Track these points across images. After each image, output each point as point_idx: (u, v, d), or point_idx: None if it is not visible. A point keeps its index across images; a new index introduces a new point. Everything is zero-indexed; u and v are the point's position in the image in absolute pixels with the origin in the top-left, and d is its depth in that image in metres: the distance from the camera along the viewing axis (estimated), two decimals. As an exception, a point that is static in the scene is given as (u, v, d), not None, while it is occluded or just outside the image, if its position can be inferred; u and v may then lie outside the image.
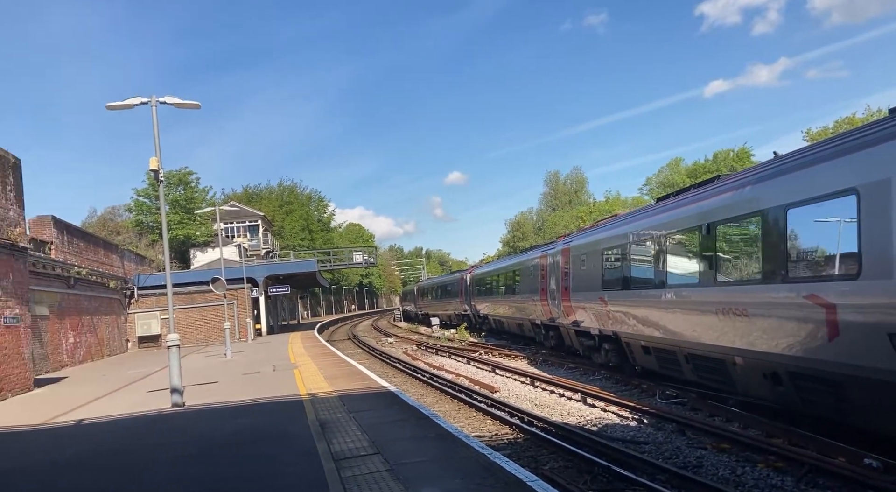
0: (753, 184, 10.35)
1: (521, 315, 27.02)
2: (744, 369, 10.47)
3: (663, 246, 13.30)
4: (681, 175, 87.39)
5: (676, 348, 12.67)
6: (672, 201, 13.82)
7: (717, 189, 11.70)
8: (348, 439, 8.81)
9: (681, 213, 12.72)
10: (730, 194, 11.00)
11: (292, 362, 21.57)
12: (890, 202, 7.25)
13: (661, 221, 13.53)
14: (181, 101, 14.89)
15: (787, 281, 9.05)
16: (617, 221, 17.35)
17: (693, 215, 12.07)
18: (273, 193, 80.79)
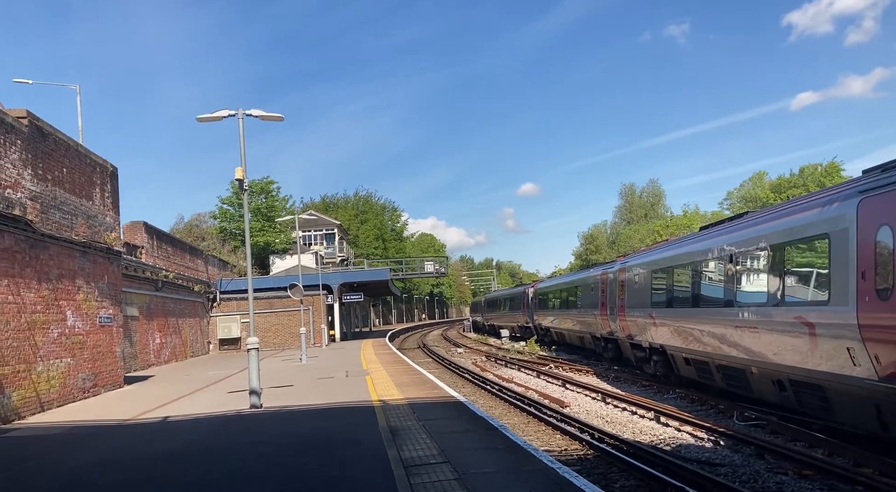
0: (761, 223, 12.56)
1: (581, 328, 28.79)
2: (758, 378, 12.53)
3: (698, 271, 15.37)
4: (764, 190, 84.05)
5: (709, 360, 14.73)
6: (706, 232, 16.01)
7: (740, 225, 13.81)
8: (418, 446, 8.93)
9: (712, 243, 14.71)
10: (746, 231, 13.17)
11: (364, 369, 21.97)
12: (848, 246, 9.35)
13: (697, 248, 15.58)
14: (266, 113, 15.54)
15: (782, 304, 11.30)
16: (665, 246, 19.52)
17: (720, 246, 14.13)
18: (349, 203, 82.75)
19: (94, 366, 18.08)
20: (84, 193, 18.13)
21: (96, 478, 8.30)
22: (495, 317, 55.91)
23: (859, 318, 8.99)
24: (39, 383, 15.05)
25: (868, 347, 8.80)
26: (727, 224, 15.06)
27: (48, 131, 16.26)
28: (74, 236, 17.21)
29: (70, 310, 16.80)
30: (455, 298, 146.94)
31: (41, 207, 15.56)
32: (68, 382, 16.50)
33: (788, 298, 11.19)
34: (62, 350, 16.25)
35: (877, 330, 8.63)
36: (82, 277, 17.61)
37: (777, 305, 11.47)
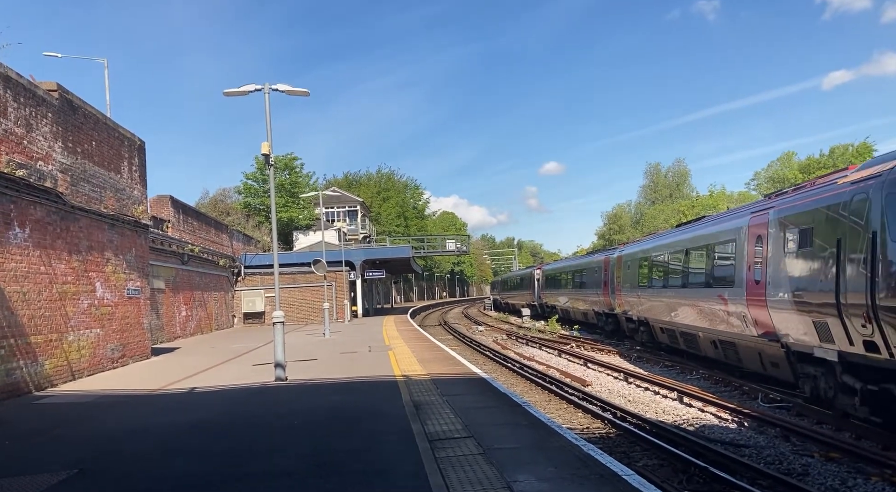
0: (706, 227, 17.11)
1: (585, 306, 33.26)
2: (703, 339, 17.01)
3: (666, 260, 19.62)
4: (793, 170, 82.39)
5: (676, 328, 19.04)
6: (678, 230, 20.70)
7: (695, 227, 18.48)
8: (442, 421, 8.99)
9: (678, 238, 19.06)
10: (696, 232, 17.63)
11: (387, 344, 22.14)
12: (743, 249, 13.76)
13: (669, 242, 19.88)
14: (292, 88, 15.51)
15: (711, 286, 15.73)
16: (651, 238, 24.37)
17: (680, 241, 18.56)
18: (371, 180, 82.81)
19: (123, 337, 18.42)
20: (112, 166, 18.33)
21: (126, 445, 8.49)
22: (508, 295, 61.85)
23: (746, 296, 13.46)
24: (70, 352, 15.37)
25: (751, 315, 13.34)
26: (691, 225, 19.65)
27: (78, 104, 16.42)
28: (103, 209, 17.44)
29: (99, 281, 17.09)
30: (476, 277, 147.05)
31: (71, 180, 15.77)
32: (98, 352, 16.84)
33: (714, 282, 15.58)
34: (92, 321, 16.56)
35: (753, 304, 13.17)
36: (111, 249, 17.88)
37: (708, 287, 15.94)
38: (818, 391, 11.48)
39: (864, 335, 9.31)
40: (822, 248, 10.54)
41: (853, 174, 10.42)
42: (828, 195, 10.73)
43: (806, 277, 11.07)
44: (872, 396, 9.64)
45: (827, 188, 11.00)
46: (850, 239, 9.67)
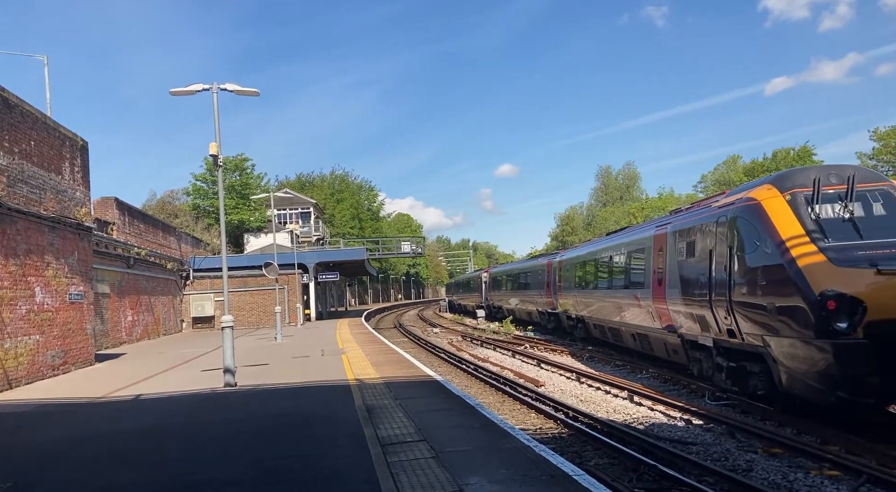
0: (626, 236, 19.48)
1: (530, 306, 35.25)
2: (625, 333, 19.03)
3: (596, 264, 22.12)
4: (738, 173, 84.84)
5: (605, 324, 21.12)
6: (607, 238, 22.96)
7: (620, 235, 20.86)
8: (394, 425, 8.93)
9: (605, 245, 21.56)
10: (619, 240, 20.00)
11: (340, 348, 21.92)
12: (651, 256, 16.01)
13: (599, 248, 22.37)
14: (241, 88, 15.21)
15: (629, 288, 17.84)
16: (587, 244, 27.70)
17: (607, 248, 20.92)
18: (325, 182, 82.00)
19: (64, 343, 17.77)
20: (53, 166, 17.67)
21: (66, 455, 8.18)
22: (460, 297, 64.15)
23: (652, 296, 15.72)
24: (7, 360, 14.75)
25: (656, 312, 15.63)
26: (616, 234, 22.05)
27: (14, 103, 15.77)
28: (43, 211, 16.79)
29: (38, 286, 16.45)
30: (431, 279, 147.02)
31: (8, 181, 15.14)
32: (37, 359, 16.20)
33: (631, 284, 17.67)
34: (30, 327, 15.92)
35: (657, 302, 15.40)
36: (51, 252, 17.23)
37: (627, 288, 18.00)
38: (702, 371, 13.86)
39: (727, 325, 11.75)
40: (701, 257, 12.93)
41: (723, 199, 12.92)
42: (704, 215, 13.21)
43: (691, 280, 13.45)
44: (732, 371, 12.21)
45: (705, 209, 13.50)
46: (717, 250, 12.12)
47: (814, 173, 10.56)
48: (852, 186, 10.22)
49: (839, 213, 10.21)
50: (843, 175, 10.46)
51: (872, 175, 11.18)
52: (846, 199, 10.21)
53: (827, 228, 10.00)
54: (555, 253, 33.94)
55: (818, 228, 10.00)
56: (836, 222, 10.11)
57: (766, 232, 10.45)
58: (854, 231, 9.99)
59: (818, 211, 10.19)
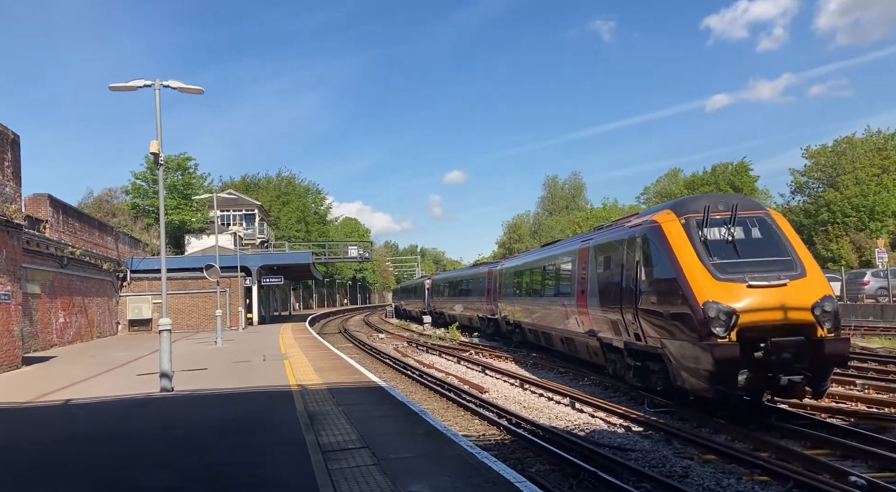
0: (557, 248, 21.05)
1: (471, 312, 36.76)
2: (555, 337, 20.38)
3: (532, 274, 23.57)
4: (679, 186, 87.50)
5: (538, 329, 22.52)
6: (541, 249, 24.98)
7: (551, 248, 22.51)
8: (337, 431, 8.81)
9: (539, 256, 23.34)
10: (550, 252, 21.75)
11: (283, 353, 21.55)
12: (577, 268, 17.35)
13: (533, 259, 24.15)
14: (185, 85, 14.85)
15: (558, 296, 19.41)
16: (523, 255, 29.48)
17: (540, 259, 22.55)
18: (271, 184, 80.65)
19: (-11, 346, 16.91)
20: (-19, 160, 16.84)
21: (-13, 465, 7.76)
22: (406, 303, 65.12)
23: (577, 304, 17.08)
24: (-75, 363, 13.94)
25: (580, 318, 16.98)
26: (549, 246, 23.66)
27: (-60, 91, 14.98)
28: (-31, 207, 15.98)
29: (-38, 285, 15.62)
30: (378, 284, 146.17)
31: (-69, 174, 14.35)
32: (-42, 362, 15.37)
33: (560, 293, 19.14)
34: (-48, 328, 15.10)
35: (581, 309, 16.75)
36: (-23, 250, 16.40)
37: (556, 296, 19.57)
38: (616, 370, 15.37)
39: (634, 330, 13.25)
40: (615, 270, 14.38)
41: (634, 220, 14.41)
42: (619, 233, 14.68)
43: (607, 290, 14.86)
44: (638, 369, 13.74)
45: (619, 228, 15.05)
46: (627, 264, 13.60)
47: (705, 201, 12.20)
48: (735, 214, 11.81)
49: (723, 235, 11.78)
50: (729, 204, 12.04)
51: (752, 204, 12.75)
52: (729, 224, 11.79)
53: (712, 248, 11.54)
54: (495, 262, 35.71)
55: (705, 248, 11.54)
56: (720, 243, 11.67)
57: (664, 250, 12.00)
58: (734, 251, 11.53)
59: (706, 234, 11.74)
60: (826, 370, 10.76)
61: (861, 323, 30.52)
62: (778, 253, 11.53)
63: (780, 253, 11.53)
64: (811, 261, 11.60)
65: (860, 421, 11.13)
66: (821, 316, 10.59)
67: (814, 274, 11.25)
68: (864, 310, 35.33)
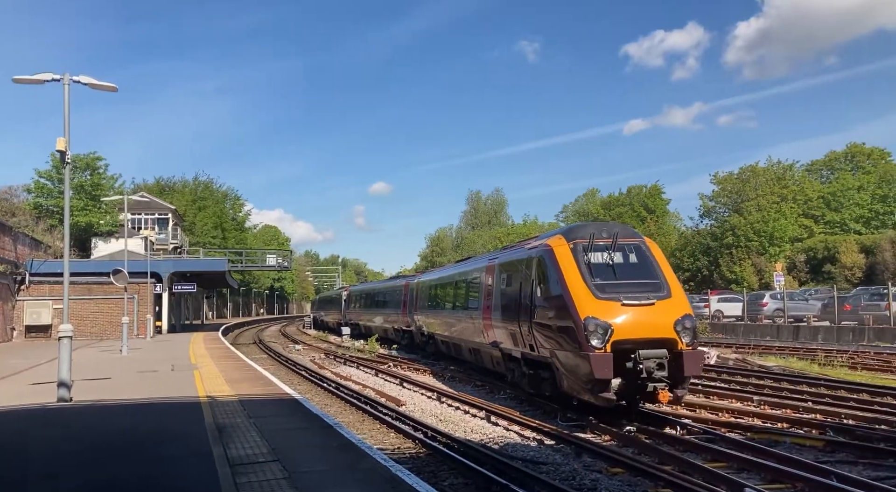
0: (467, 266, 22.40)
1: (387, 324, 37.57)
2: (464, 347, 21.24)
3: (445, 288, 24.60)
4: (596, 206, 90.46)
5: (449, 340, 23.45)
6: (454, 265, 26.58)
7: (462, 264, 24.09)
8: (247, 444, 8.55)
9: (451, 272, 24.53)
10: (461, 268, 23.05)
11: (192, 363, 20.77)
12: (481, 284, 18.73)
13: (446, 274, 25.43)
14: (97, 81, 14.19)
15: (467, 309, 20.44)
16: (438, 270, 32.16)
17: (453, 275, 23.67)
18: (187, 187, 77.94)
19: None
20: None
21: None
22: (324, 314, 65.17)
23: (482, 317, 18.02)
24: None
25: (485, 330, 17.87)
26: (462, 262, 25.18)
27: None
28: None
29: None
30: (297, 294, 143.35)
31: None
32: None
33: (469, 307, 20.28)
34: None
35: (486, 322, 17.71)
36: None
37: (465, 310, 20.67)
38: (514, 378, 16.46)
39: (529, 341, 14.43)
40: (515, 286, 15.59)
41: (533, 242, 15.76)
42: (519, 253, 16.08)
43: (508, 304, 15.97)
44: (532, 377, 14.98)
45: (520, 249, 16.41)
46: (525, 282, 14.85)
47: (591, 229, 13.71)
48: (615, 241, 13.34)
49: (604, 260, 13.21)
50: (611, 232, 13.58)
51: (631, 233, 14.22)
52: (610, 250, 13.26)
53: (594, 271, 12.92)
54: (412, 276, 37.00)
55: (588, 270, 12.90)
56: (601, 267, 13.09)
57: (555, 271, 13.27)
58: (612, 274, 12.97)
59: (590, 258, 13.12)
60: (684, 378, 12.16)
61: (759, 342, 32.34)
62: (649, 276, 12.98)
63: (651, 276, 12.99)
64: (676, 283, 13.10)
65: (756, 435, 11.76)
66: (681, 332, 12.07)
67: (677, 295, 12.74)
68: (762, 330, 37.46)
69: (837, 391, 16.19)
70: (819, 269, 57.74)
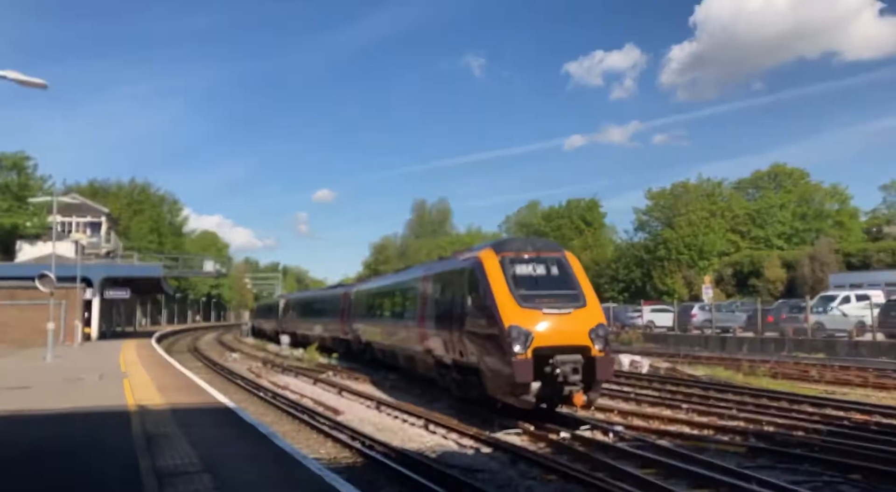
0: (404, 276, 23.00)
1: (325, 333, 37.36)
2: (399, 355, 21.60)
3: (382, 297, 24.93)
4: (537, 218, 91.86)
5: (386, 348, 23.76)
6: (392, 275, 27.97)
7: (400, 274, 24.80)
8: (176, 454, 8.32)
9: (389, 282, 25.41)
10: (399, 278, 23.77)
11: (123, 371, 20.07)
12: (417, 294, 19.00)
13: (384, 284, 26.19)
14: (25, 77, 13.68)
15: (403, 317, 20.81)
16: (376, 279, 33.05)
17: (390, 284, 24.33)
18: (123, 190, 75.50)
19: None
20: None
21: None
22: (262, 322, 64.48)
23: (417, 325, 18.55)
24: None
25: (420, 337, 18.32)
26: (401, 272, 25.90)
27: None
28: None
29: None
30: (235, 302, 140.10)
31: None
32: None
33: (405, 315, 20.48)
34: None
35: (421, 330, 18.19)
36: None
37: (401, 318, 21.00)
38: (446, 384, 16.92)
39: (459, 348, 15.06)
40: (447, 296, 16.28)
41: (465, 254, 16.42)
42: (452, 265, 16.79)
43: (441, 313, 16.59)
44: (461, 382, 15.62)
45: (453, 261, 17.16)
46: (456, 292, 15.59)
47: (518, 243, 14.99)
48: (539, 254, 14.35)
49: (528, 272, 14.05)
50: (536, 246, 14.74)
51: (553, 247, 15.25)
52: (535, 262, 14.16)
53: (519, 282, 13.71)
54: (351, 285, 37.62)
55: (514, 282, 13.68)
56: (526, 278, 13.91)
57: (484, 281, 13.99)
58: (535, 285, 13.83)
59: (516, 270, 13.93)
60: (597, 382, 13.10)
61: (689, 352, 33.39)
62: (568, 287, 13.92)
63: (570, 287, 13.92)
64: (592, 294, 14.05)
65: (685, 442, 12.13)
66: (595, 339, 12.98)
67: (593, 305, 13.72)
68: (691, 340, 38.73)
69: (760, 399, 16.86)
70: (745, 282, 60.21)
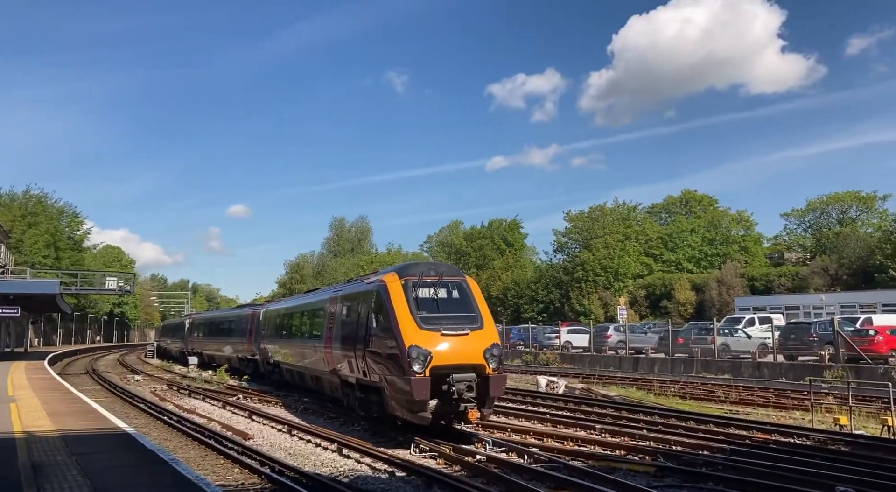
0: (314, 297, 23.44)
1: (233, 353, 37.05)
2: (307, 375, 22.05)
3: (291, 318, 25.22)
4: (459, 238, 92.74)
5: (294, 368, 24.09)
6: (301, 296, 28.75)
7: (310, 295, 25.60)
8: (66, 484, 7.71)
9: (298, 303, 25.76)
10: (307, 300, 24.31)
11: (10, 395, 18.61)
12: (325, 315, 19.29)
13: (293, 305, 26.53)
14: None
15: (311, 339, 20.98)
16: (286, 300, 33.08)
17: (300, 305, 24.67)
18: (16, 201, 70.64)
19: None
20: None
21: None
22: (168, 342, 62.87)
23: (324, 346, 18.87)
24: None
25: (326, 358, 18.68)
26: (310, 293, 26.95)
27: None
28: None
29: None
30: (140, 320, 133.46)
31: None
32: None
33: (313, 336, 20.73)
34: None
35: (327, 351, 18.50)
36: None
37: (309, 339, 21.19)
38: (350, 403, 17.53)
39: (363, 367, 15.58)
40: (353, 317, 16.72)
41: (371, 277, 17.05)
42: (359, 287, 17.37)
43: (347, 334, 17.02)
44: (363, 401, 16.22)
45: (360, 283, 17.73)
46: (362, 313, 16.07)
47: (421, 268, 15.37)
48: (441, 279, 15.07)
49: (430, 295, 14.77)
50: (438, 271, 15.47)
51: (454, 272, 16.08)
52: (436, 286, 14.89)
53: (421, 305, 14.41)
54: (260, 305, 37.57)
55: (416, 304, 14.35)
56: (427, 301, 14.63)
57: (387, 303, 14.54)
58: (436, 307, 14.58)
59: (418, 293, 14.60)
60: (490, 399, 13.95)
61: (604, 372, 34.29)
62: (466, 310, 14.75)
63: (468, 310, 14.76)
64: (489, 316, 14.94)
65: (597, 462, 12.35)
66: (489, 358, 13.79)
67: (489, 327, 14.58)
68: (606, 360, 39.81)
69: (669, 420, 17.45)
70: (657, 304, 62.69)
